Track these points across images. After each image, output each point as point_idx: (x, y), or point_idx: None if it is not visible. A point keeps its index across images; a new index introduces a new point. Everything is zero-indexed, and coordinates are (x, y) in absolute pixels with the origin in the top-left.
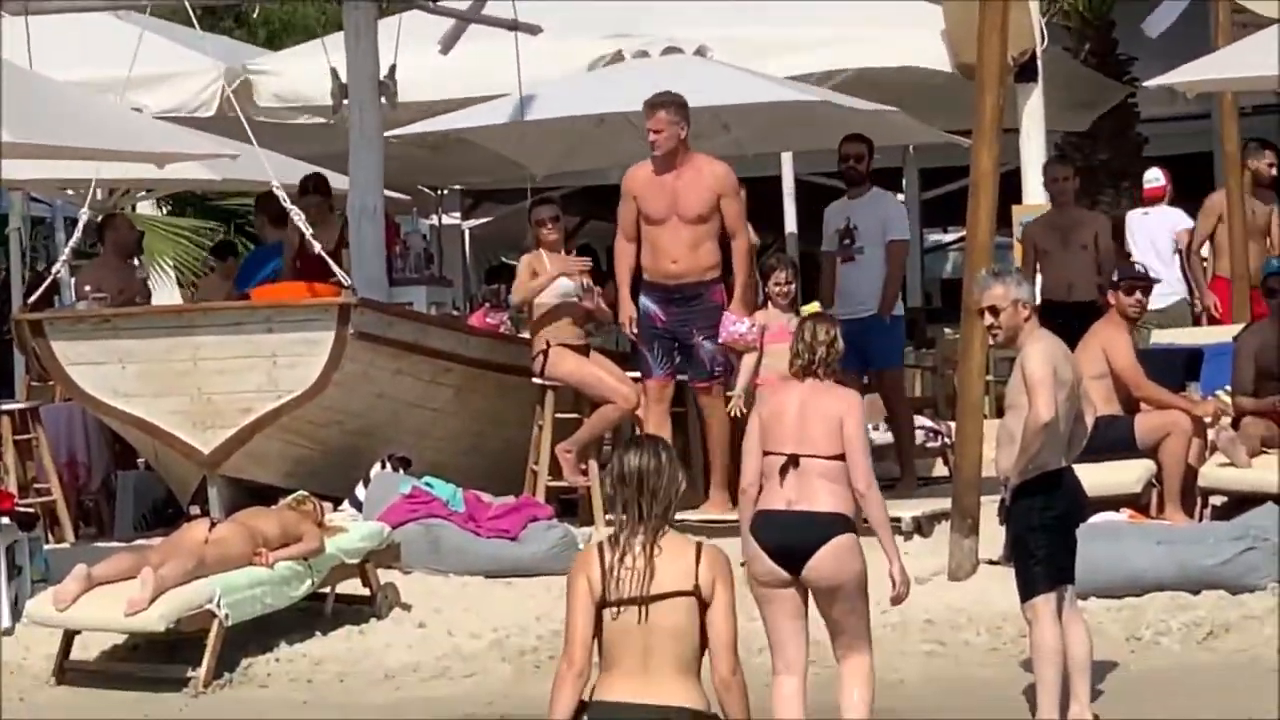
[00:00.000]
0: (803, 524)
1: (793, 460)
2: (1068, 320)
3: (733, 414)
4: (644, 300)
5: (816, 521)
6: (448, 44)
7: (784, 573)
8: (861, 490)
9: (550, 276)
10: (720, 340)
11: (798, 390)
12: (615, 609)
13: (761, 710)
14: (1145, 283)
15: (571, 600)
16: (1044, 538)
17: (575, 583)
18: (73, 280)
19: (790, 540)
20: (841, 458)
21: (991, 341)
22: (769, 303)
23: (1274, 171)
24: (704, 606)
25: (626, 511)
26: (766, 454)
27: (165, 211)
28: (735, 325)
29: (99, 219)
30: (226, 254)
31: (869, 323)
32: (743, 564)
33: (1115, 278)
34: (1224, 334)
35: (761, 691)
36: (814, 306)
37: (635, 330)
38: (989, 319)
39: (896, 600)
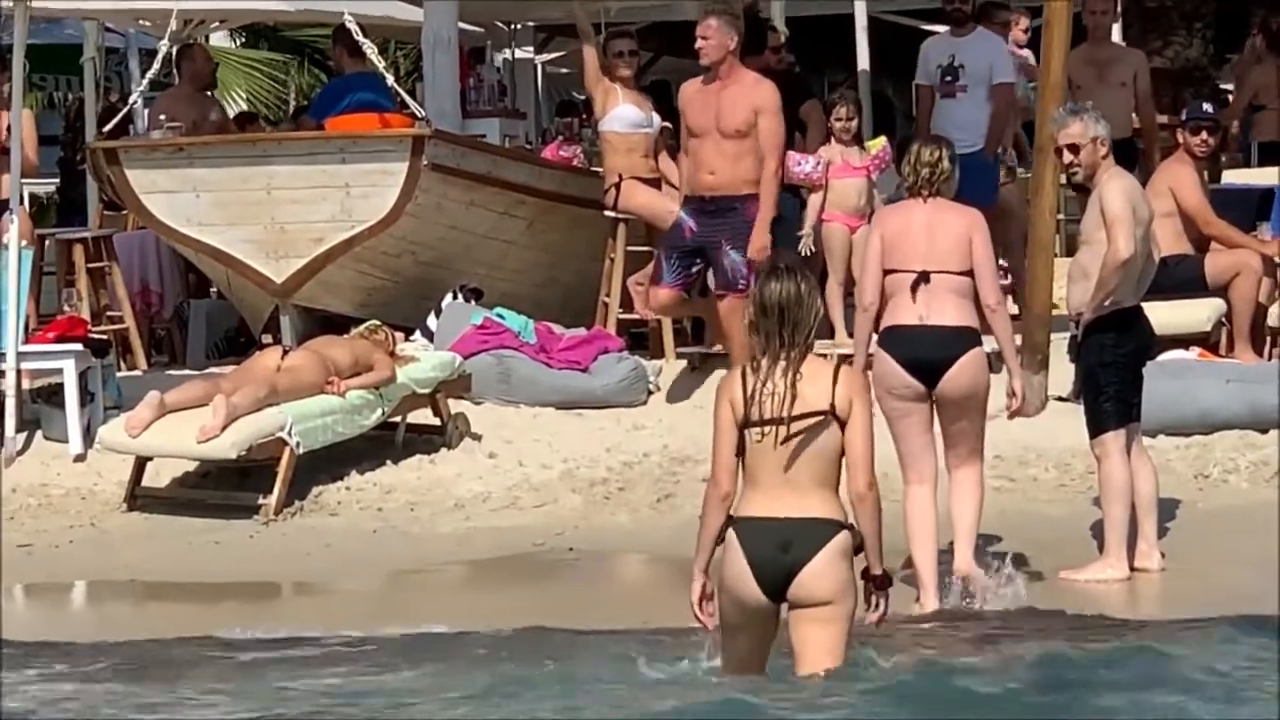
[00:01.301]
0: (938, 338)
1: (923, 276)
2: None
3: (803, 253)
4: (680, 212)
5: (951, 335)
6: None
7: (920, 385)
8: (992, 306)
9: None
10: (786, 180)
11: (921, 209)
12: (759, 430)
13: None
14: (1212, 121)
15: (716, 424)
16: (1114, 374)
17: (719, 408)
18: (146, 111)
19: (926, 354)
20: (968, 274)
21: (1069, 179)
22: (832, 138)
23: None
24: (842, 424)
25: (769, 340)
26: (889, 272)
27: (239, 44)
28: (799, 165)
29: (175, 49)
30: (246, 124)
31: (970, 160)
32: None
33: (1183, 116)
34: None
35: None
36: (879, 141)
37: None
38: (1068, 156)
39: (1014, 414)
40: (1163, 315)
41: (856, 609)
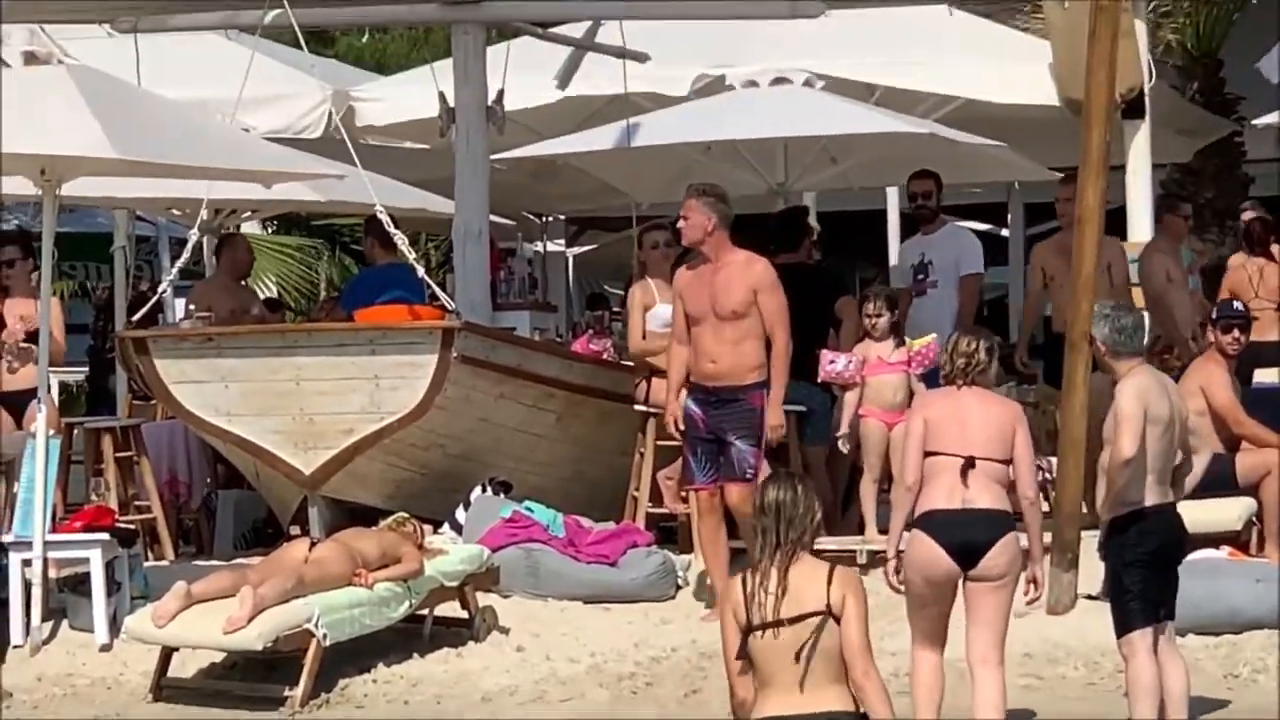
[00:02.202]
0: (980, 521)
1: (970, 462)
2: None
3: (843, 449)
4: (687, 401)
5: (991, 518)
6: (564, 78)
7: (957, 568)
8: (1030, 497)
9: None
10: (819, 380)
11: (963, 397)
12: (759, 632)
13: None
14: (1243, 320)
15: (722, 632)
16: (1138, 573)
17: (723, 615)
18: (177, 300)
19: (969, 537)
20: (1007, 462)
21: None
22: (866, 336)
23: None
24: (838, 621)
25: (765, 538)
26: (932, 454)
27: (270, 230)
28: (832, 364)
29: (217, 239)
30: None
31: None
32: (896, 557)
33: (1214, 315)
34: None
35: None
36: (927, 339)
37: (681, 428)
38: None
39: (1032, 601)
40: (1193, 514)
41: None
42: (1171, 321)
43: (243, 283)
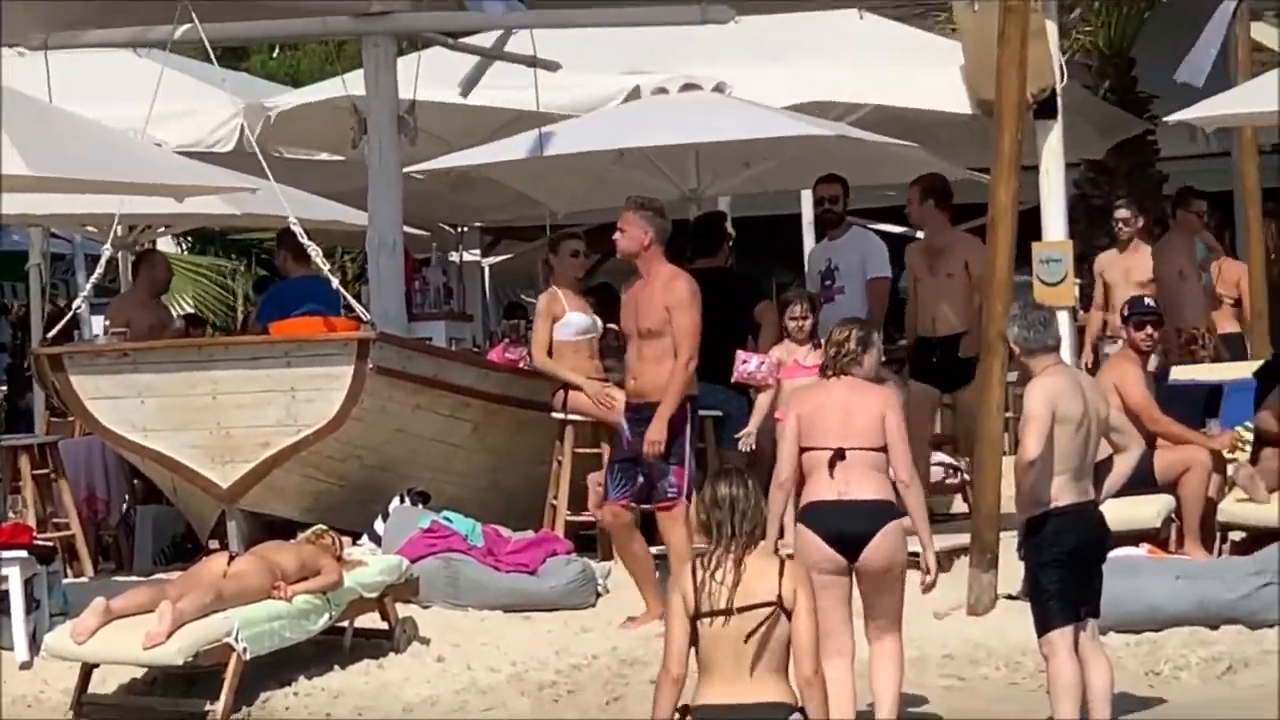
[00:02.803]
0: (857, 512)
1: (839, 453)
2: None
3: (743, 450)
4: (621, 419)
5: (870, 509)
6: (468, 86)
7: (843, 559)
8: (905, 480)
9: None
10: (733, 380)
11: (835, 388)
12: (709, 620)
13: None
14: (1155, 315)
15: (669, 614)
16: (1055, 573)
17: (672, 599)
18: (93, 317)
19: (847, 527)
20: (882, 449)
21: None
22: (786, 337)
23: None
24: (788, 614)
25: (719, 531)
26: (806, 450)
27: (185, 249)
28: (745, 364)
29: (133, 255)
30: (191, 328)
31: None
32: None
33: (1126, 312)
34: (1244, 370)
35: None
36: None
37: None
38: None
39: (927, 588)
40: (1112, 511)
41: None
42: (1179, 316)
43: (158, 300)
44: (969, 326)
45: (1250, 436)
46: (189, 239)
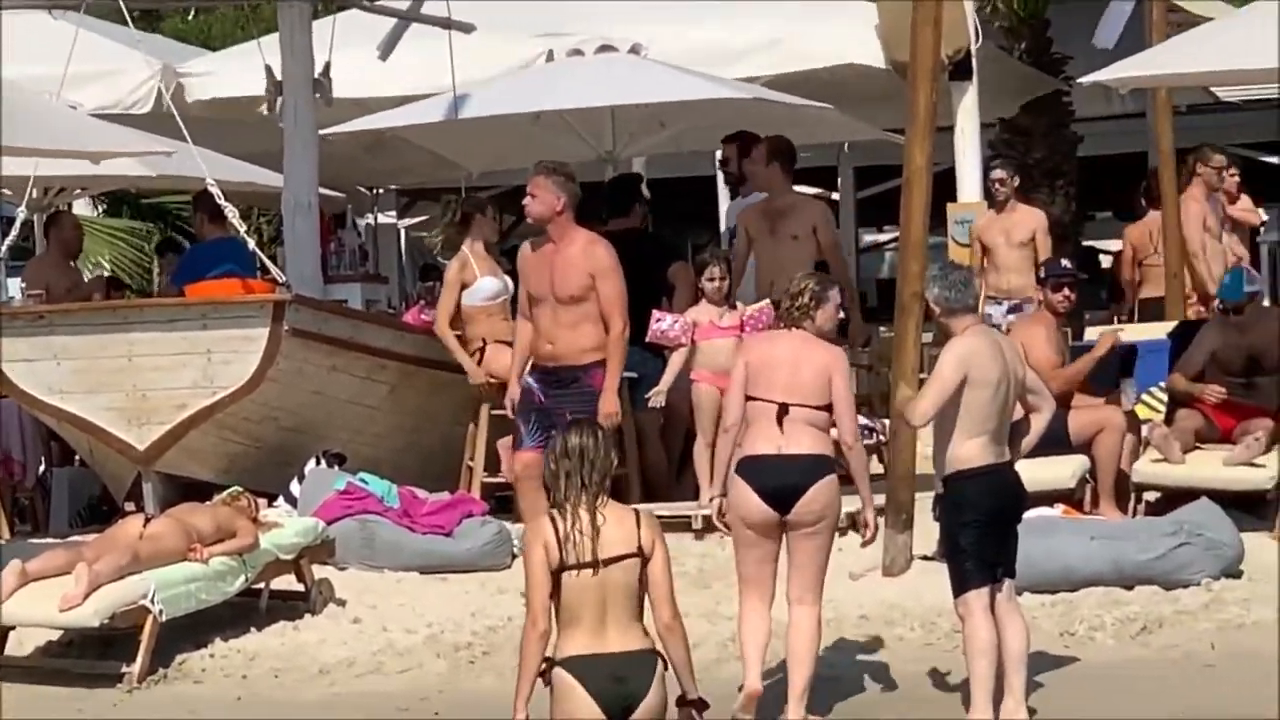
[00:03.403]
0: (793, 467)
1: (783, 408)
2: None
3: (655, 406)
4: (528, 379)
5: (806, 463)
6: (386, 49)
7: (774, 514)
8: (849, 442)
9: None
10: (647, 339)
11: (786, 340)
12: (574, 571)
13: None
14: (1071, 277)
15: (530, 569)
16: (972, 533)
17: (532, 553)
18: (8, 280)
19: (782, 482)
20: (826, 408)
21: None
22: (702, 298)
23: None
24: (645, 563)
25: (569, 481)
26: (751, 398)
27: (100, 211)
28: (659, 323)
29: (45, 217)
30: (166, 251)
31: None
32: (720, 496)
33: (1042, 274)
34: (1159, 330)
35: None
36: (763, 303)
37: (515, 410)
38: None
39: (866, 543)
40: (1027, 472)
41: None
42: (1203, 273)
43: (72, 263)
44: None
45: (1164, 397)
46: (104, 202)
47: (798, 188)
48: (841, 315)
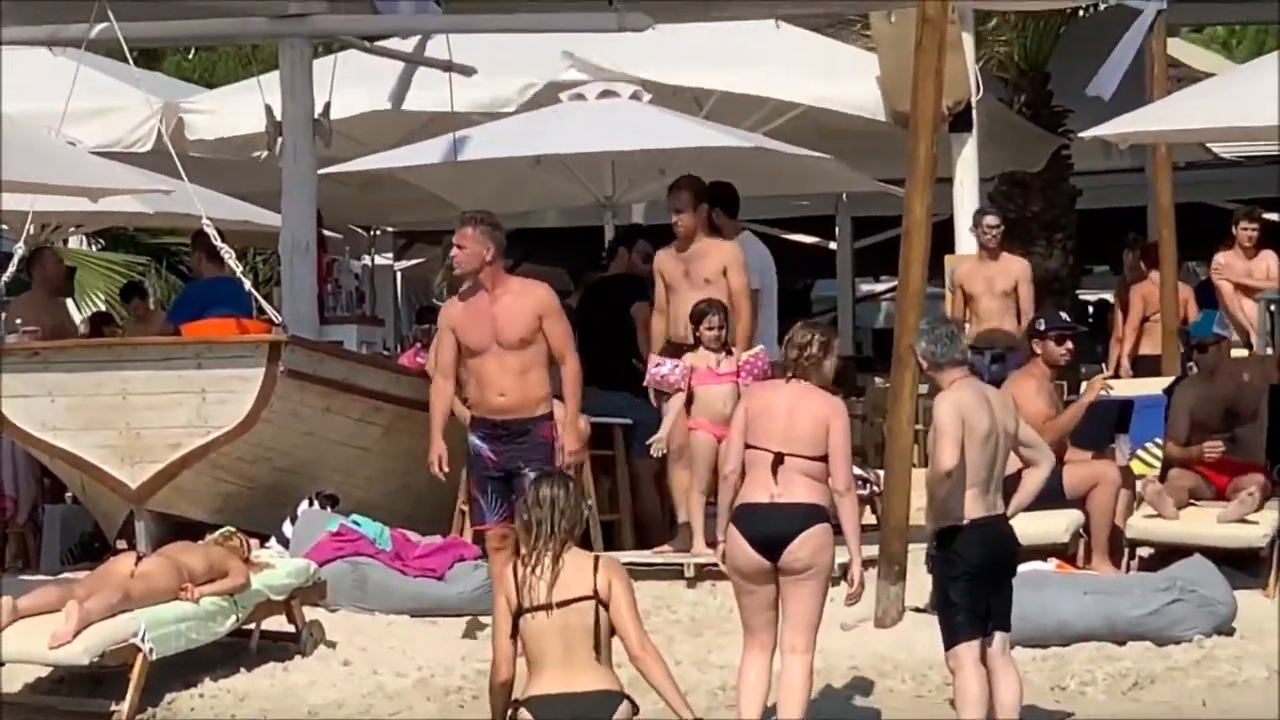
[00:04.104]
0: (784, 515)
1: (779, 458)
2: None
3: (655, 456)
4: (471, 438)
5: (796, 512)
6: (397, 99)
7: (765, 561)
8: (841, 491)
9: None
10: (645, 384)
11: (785, 390)
12: (530, 614)
13: None
14: (1071, 329)
15: (495, 615)
16: (963, 586)
17: (496, 599)
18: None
19: (773, 530)
20: (823, 459)
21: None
22: (699, 345)
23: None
24: (606, 605)
25: (539, 529)
26: (750, 447)
27: (96, 248)
28: (659, 367)
29: (29, 254)
30: (132, 295)
31: None
32: (722, 543)
33: (1042, 326)
34: (1155, 385)
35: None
36: (756, 349)
37: (446, 470)
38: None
39: (851, 599)
40: (1021, 526)
41: None
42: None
43: (62, 298)
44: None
45: (1159, 453)
46: (99, 239)
47: (793, 236)
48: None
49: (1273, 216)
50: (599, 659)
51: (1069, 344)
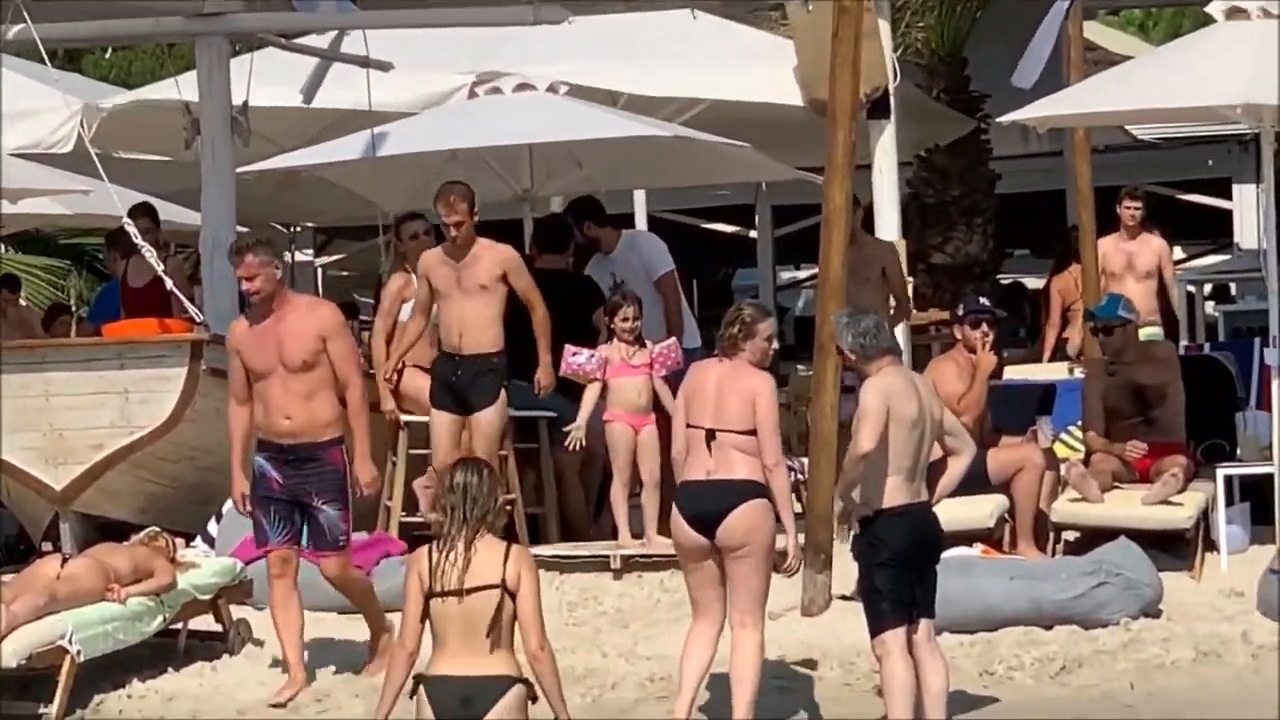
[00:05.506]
0: (719, 491)
1: (710, 434)
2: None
3: (571, 447)
4: (258, 459)
5: (731, 488)
6: (309, 92)
7: (703, 539)
8: (770, 466)
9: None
10: (560, 373)
11: (715, 369)
12: (440, 598)
13: None
14: (989, 314)
15: (406, 593)
16: (888, 573)
17: (409, 579)
18: None
19: (708, 507)
20: (754, 433)
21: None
22: (614, 337)
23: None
24: (514, 595)
25: (452, 516)
26: (689, 426)
27: (12, 250)
28: (574, 357)
29: None
30: (1, 288)
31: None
32: None
33: (960, 311)
34: (1078, 370)
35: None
36: (668, 341)
37: (248, 507)
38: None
39: (787, 572)
40: (946, 511)
41: None
42: None
43: None
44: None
45: (1080, 435)
46: (13, 244)
47: (712, 225)
48: (775, 347)
49: (1190, 198)
50: (499, 645)
51: (984, 327)
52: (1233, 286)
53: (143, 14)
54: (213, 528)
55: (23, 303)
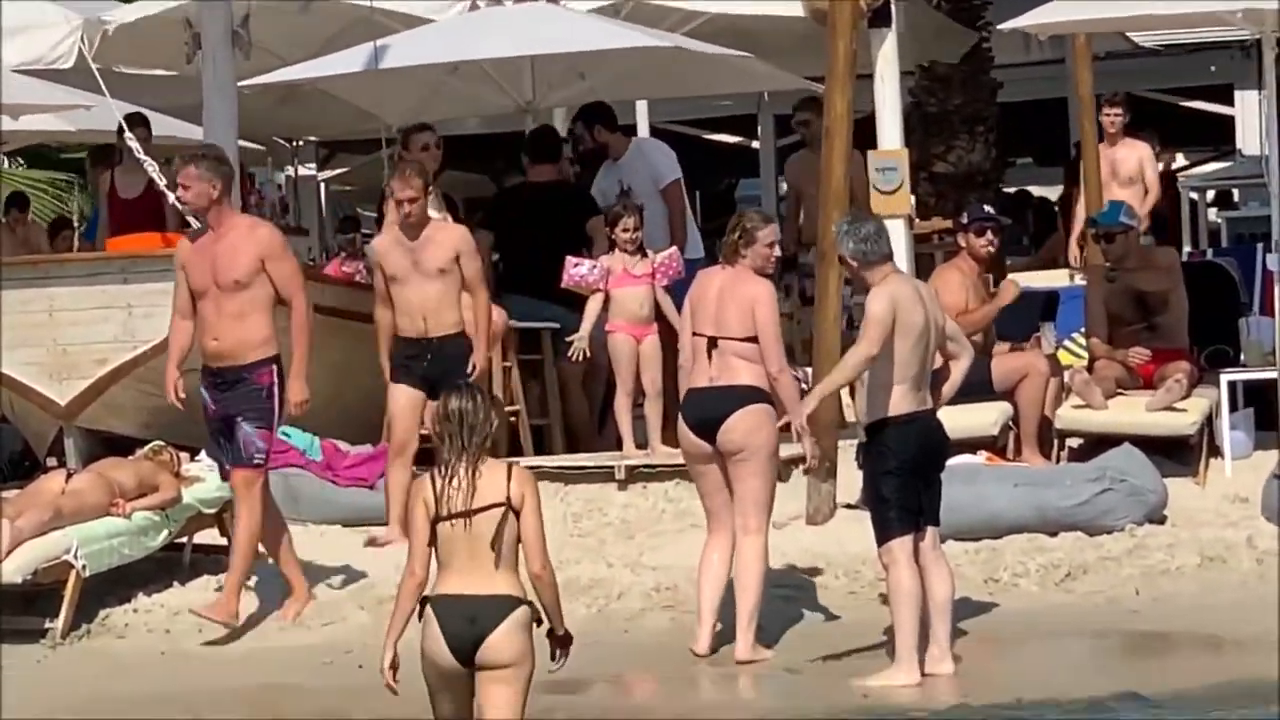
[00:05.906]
0: (720, 397)
1: (712, 342)
2: None
3: (574, 358)
4: (200, 388)
5: (732, 394)
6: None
7: (706, 445)
8: (773, 373)
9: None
10: (563, 284)
11: (718, 276)
12: (449, 522)
13: None
14: (994, 222)
15: (412, 521)
16: (895, 481)
17: (414, 507)
18: None
19: (710, 413)
20: (754, 339)
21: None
22: (615, 248)
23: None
24: (518, 515)
25: (450, 443)
26: (694, 334)
27: (19, 166)
28: (576, 268)
29: None
30: (10, 206)
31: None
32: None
33: (964, 219)
34: (1079, 277)
35: None
36: (669, 250)
37: (182, 396)
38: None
39: (807, 469)
40: (950, 419)
41: (535, 671)
42: None
43: None
44: None
45: (1084, 342)
46: (20, 160)
47: (715, 136)
48: (777, 254)
49: (1191, 104)
50: (504, 565)
51: (989, 235)
52: (1235, 192)
53: None
54: None
55: (31, 220)
